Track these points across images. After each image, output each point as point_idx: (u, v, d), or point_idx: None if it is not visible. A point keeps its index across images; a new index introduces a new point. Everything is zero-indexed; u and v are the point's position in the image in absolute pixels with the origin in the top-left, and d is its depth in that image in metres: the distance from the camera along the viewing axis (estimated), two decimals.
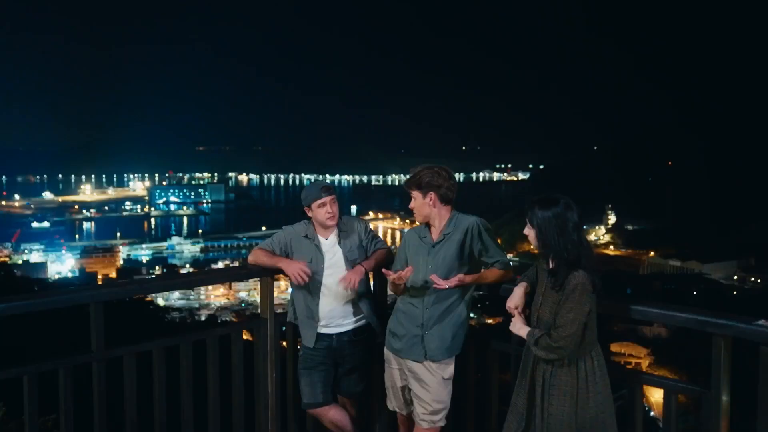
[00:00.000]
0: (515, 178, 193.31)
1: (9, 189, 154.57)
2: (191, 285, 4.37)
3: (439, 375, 3.32)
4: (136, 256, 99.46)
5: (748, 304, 42.15)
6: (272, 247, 3.75)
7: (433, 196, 3.30)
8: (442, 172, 3.31)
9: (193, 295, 65.55)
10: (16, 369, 3.01)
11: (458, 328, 3.34)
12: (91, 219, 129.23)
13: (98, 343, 3.18)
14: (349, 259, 3.65)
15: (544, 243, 2.75)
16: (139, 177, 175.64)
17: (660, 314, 3.05)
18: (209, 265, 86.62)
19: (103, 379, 3.21)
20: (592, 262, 2.72)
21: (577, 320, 2.64)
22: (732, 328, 2.75)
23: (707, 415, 2.86)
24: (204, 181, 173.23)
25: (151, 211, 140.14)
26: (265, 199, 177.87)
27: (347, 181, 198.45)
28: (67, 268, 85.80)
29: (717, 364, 2.82)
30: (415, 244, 3.42)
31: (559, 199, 2.75)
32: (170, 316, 33.51)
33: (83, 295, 3.37)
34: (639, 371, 3.82)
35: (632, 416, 3.11)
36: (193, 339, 3.57)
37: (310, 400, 3.69)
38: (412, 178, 3.34)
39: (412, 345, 3.34)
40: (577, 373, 2.72)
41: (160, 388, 3.43)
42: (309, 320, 3.69)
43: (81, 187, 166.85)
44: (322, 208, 3.60)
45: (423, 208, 3.33)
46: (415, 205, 3.35)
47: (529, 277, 3.02)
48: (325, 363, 3.71)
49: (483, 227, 3.31)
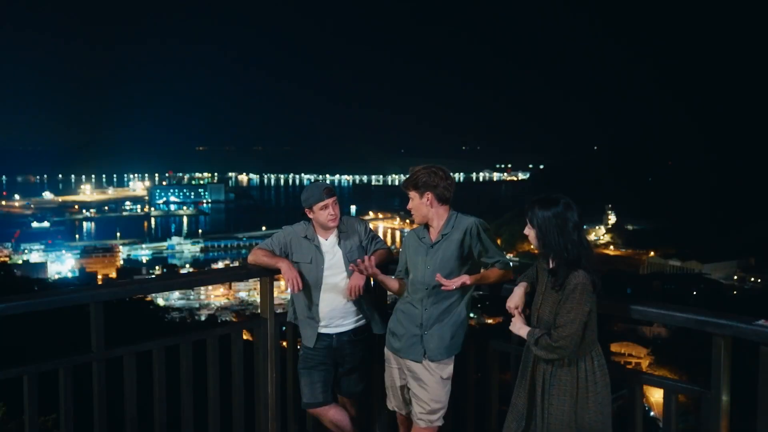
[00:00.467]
0: (515, 178, 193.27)
1: (9, 189, 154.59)
2: (191, 285, 4.37)
3: (437, 375, 3.32)
4: (136, 256, 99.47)
5: (748, 304, 42.17)
6: (272, 248, 3.75)
7: (430, 196, 3.30)
8: (438, 172, 3.31)
9: (193, 295, 65.54)
10: (16, 369, 3.01)
11: (458, 328, 3.34)
12: (91, 219, 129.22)
13: (98, 343, 3.18)
14: (349, 260, 3.64)
15: (544, 243, 2.75)
16: (139, 177, 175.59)
17: (660, 314, 3.05)
18: (209, 265, 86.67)
19: (103, 379, 3.21)
20: (593, 262, 2.72)
21: (577, 320, 2.64)
22: (732, 328, 2.75)
23: (707, 415, 2.86)
24: (204, 181, 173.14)
25: (151, 211, 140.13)
26: (265, 199, 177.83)
27: (347, 181, 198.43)
28: (67, 268, 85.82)
29: (717, 364, 2.82)
30: (414, 244, 3.42)
31: (560, 199, 2.75)
32: (170, 316, 33.53)
33: (83, 295, 3.36)
34: (639, 371, 3.81)
35: (632, 416, 3.11)
36: (193, 339, 3.57)
37: (309, 399, 3.69)
38: (408, 179, 3.34)
39: (411, 345, 3.34)
40: (577, 373, 2.72)
41: (160, 388, 3.43)
42: (309, 320, 3.69)
43: (81, 187, 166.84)
44: (324, 210, 3.59)
45: (420, 209, 3.34)
46: (413, 205, 3.35)
47: (529, 276, 3.03)
48: (325, 363, 3.71)
49: (482, 228, 3.31)
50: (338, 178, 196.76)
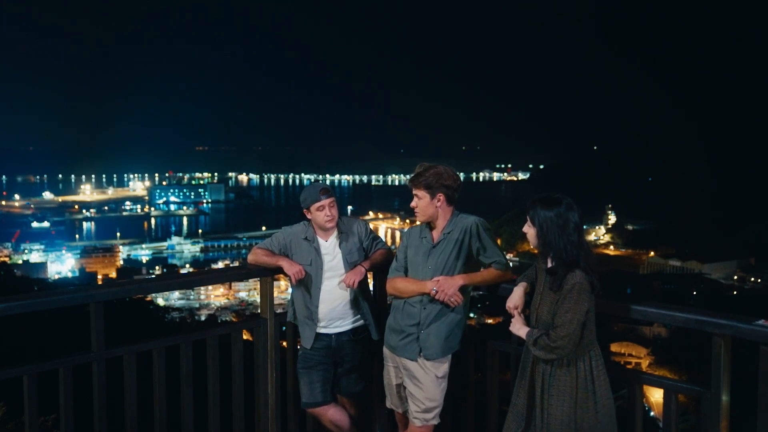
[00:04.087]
0: (515, 178, 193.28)
1: (9, 189, 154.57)
2: (191, 285, 4.36)
3: (432, 373, 3.32)
4: (136, 256, 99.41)
5: (748, 304, 42.21)
6: (271, 248, 3.74)
7: (442, 197, 3.29)
8: (450, 172, 3.30)
9: (193, 295, 65.51)
10: (16, 369, 3.00)
11: (454, 327, 3.34)
12: (91, 219, 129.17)
13: (98, 342, 3.18)
14: (348, 262, 3.64)
15: (544, 242, 2.75)
16: (139, 177, 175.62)
17: (660, 314, 3.04)
18: (209, 265, 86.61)
19: (103, 378, 3.21)
20: (592, 263, 2.72)
21: (575, 320, 2.64)
22: (732, 328, 2.75)
23: (707, 414, 2.86)
24: (204, 181, 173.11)
25: (151, 211, 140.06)
26: (264, 199, 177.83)
27: (347, 181, 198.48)
28: (67, 268, 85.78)
29: (717, 364, 2.82)
30: (416, 243, 3.41)
31: (562, 199, 2.75)
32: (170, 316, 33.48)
33: (83, 295, 3.37)
34: (639, 371, 3.81)
35: (632, 416, 3.11)
36: (193, 339, 3.57)
37: (309, 399, 3.69)
38: (419, 177, 3.30)
39: (408, 343, 3.34)
40: (576, 373, 2.72)
41: (160, 387, 3.42)
42: (308, 321, 3.69)
43: (81, 187, 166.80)
44: (321, 211, 3.58)
45: (428, 208, 3.32)
46: (421, 204, 3.32)
47: (529, 276, 3.02)
48: (324, 363, 3.71)
49: (482, 227, 3.31)
50: (338, 178, 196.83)
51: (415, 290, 3.31)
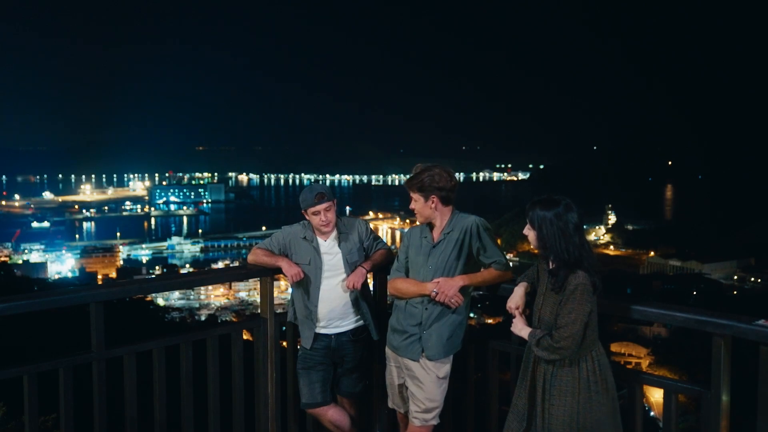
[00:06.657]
0: (515, 178, 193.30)
1: (9, 189, 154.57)
2: (191, 285, 4.36)
3: (433, 374, 3.33)
4: (136, 256, 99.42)
5: (748, 304, 42.17)
6: (271, 248, 3.74)
7: (435, 199, 3.29)
8: (443, 174, 3.29)
9: (193, 295, 65.53)
10: (16, 369, 3.01)
11: (456, 328, 3.34)
12: (91, 219, 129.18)
13: (98, 342, 3.18)
14: (348, 262, 3.64)
15: (544, 244, 2.75)
16: (139, 177, 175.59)
17: (660, 314, 3.04)
18: (209, 265, 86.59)
19: (103, 378, 3.21)
20: (593, 264, 2.72)
21: (578, 321, 2.64)
22: (732, 328, 2.75)
23: (707, 414, 2.86)
24: (204, 181, 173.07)
25: (151, 211, 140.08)
26: (265, 199, 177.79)
27: (347, 181, 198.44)
28: (67, 268, 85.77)
29: (717, 364, 2.82)
30: (417, 243, 3.41)
31: (561, 200, 2.75)
32: (170, 316, 33.51)
33: (83, 295, 3.36)
34: (639, 371, 3.81)
35: (632, 416, 3.11)
36: (193, 339, 3.57)
37: (308, 400, 3.69)
38: (413, 180, 3.31)
39: (410, 343, 3.35)
40: (578, 374, 2.72)
41: (160, 387, 3.43)
42: (308, 321, 3.69)
43: (81, 187, 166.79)
44: (316, 216, 3.58)
45: (424, 210, 3.33)
46: (417, 207, 3.34)
47: (530, 277, 3.02)
48: (324, 363, 3.70)
49: (482, 227, 3.31)
50: (338, 178, 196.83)
51: (416, 291, 3.32)
